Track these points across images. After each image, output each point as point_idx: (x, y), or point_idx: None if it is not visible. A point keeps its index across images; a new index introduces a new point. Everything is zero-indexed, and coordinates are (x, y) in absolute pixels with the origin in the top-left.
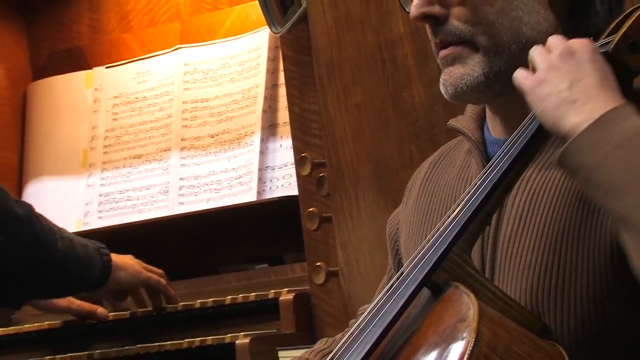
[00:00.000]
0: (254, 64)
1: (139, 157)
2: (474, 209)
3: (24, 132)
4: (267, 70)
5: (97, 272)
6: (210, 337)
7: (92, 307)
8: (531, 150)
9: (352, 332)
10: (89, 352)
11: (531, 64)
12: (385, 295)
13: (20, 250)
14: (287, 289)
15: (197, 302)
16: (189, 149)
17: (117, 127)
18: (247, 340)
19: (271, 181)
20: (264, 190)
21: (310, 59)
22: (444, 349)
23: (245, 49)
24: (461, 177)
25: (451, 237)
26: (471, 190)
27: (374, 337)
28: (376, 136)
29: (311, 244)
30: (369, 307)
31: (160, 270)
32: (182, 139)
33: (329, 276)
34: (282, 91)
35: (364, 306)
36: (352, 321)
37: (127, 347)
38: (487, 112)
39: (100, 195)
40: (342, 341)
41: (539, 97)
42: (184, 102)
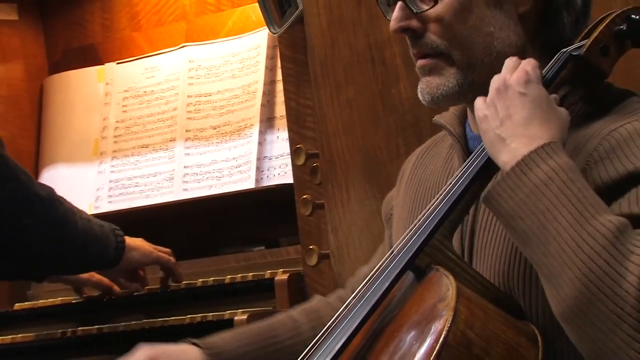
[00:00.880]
0: (253, 61)
1: (146, 147)
2: (453, 200)
3: (40, 122)
4: (266, 67)
5: (112, 251)
6: (210, 314)
7: (110, 282)
8: None
9: (342, 310)
10: (98, 326)
11: None
12: (372, 277)
13: (44, 229)
14: (282, 270)
15: (198, 281)
16: (192, 140)
17: (126, 118)
18: (244, 316)
19: (268, 170)
20: (261, 178)
21: (305, 58)
22: (425, 326)
23: (245, 48)
24: (445, 168)
25: (433, 225)
26: (452, 182)
27: (361, 315)
28: (366, 130)
29: (305, 229)
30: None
31: (168, 249)
32: (187, 130)
33: (321, 258)
34: (280, 87)
35: (362, 267)
36: (350, 279)
37: (133, 322)
38: (467, 111)
39: (110, 181)
40: (333, 318)
41: (482, 132)
42: (188, 96)
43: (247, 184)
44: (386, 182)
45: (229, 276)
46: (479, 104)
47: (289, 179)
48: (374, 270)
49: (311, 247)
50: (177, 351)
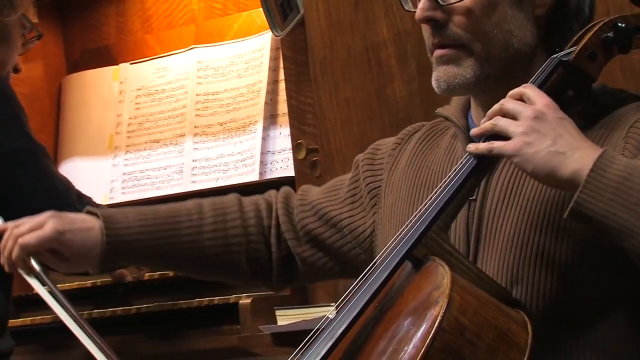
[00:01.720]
0: (257, 62)
1: (157, 142)
2: (450, 195)
3: (59, 119)
4: (269, 67)
5: None
6: (217, 298)
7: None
8: None
9: (344, 297)
10: (112, 309)
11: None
12: (373, 266)
13: None
14: None
15: None
16: (200, 135)
17: (139, 115)
18: (248, 300)
19: (271, 164)
20: (265, 171)
21: (306, 59)
22: (422, 312)
23: (250, 49)
24: (447, 157)
25: (430, 218)
26: (449, 177)
27: (363, 301)
28: (362, 126)
29: None
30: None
31: None
32: (195, 126)
33: None
34: (282, 86)
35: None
36: (294, 196)
37: (144, 305)
38: (472, 104)
39: (124, 174)
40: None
41: (526, 157)
42: (197, 94)
43: (252, 176)
44: None
45: None
46: (497, 143)
47: (291, 172)
48: (375, 260)
49: None
50: (82, 229)
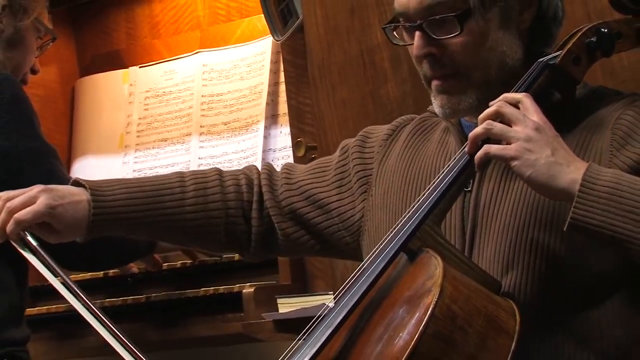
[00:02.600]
0: (259, 65)
1: (165, 141)
2: (443, 190)
3: (72, 119)
4: (270, 70)
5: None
6: (221, 287)
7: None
8: None
9: (343, 287)
10: (123, 299)
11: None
12: (370, 258)
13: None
14: None
15: (210, 259)
16: (206, 134)
17: (148, 115)
18: (252, 289)
19: (272, 161)
20: None
21: (305, 62)
22: (416, 301)
23: (252, 53)
24: (440, 151)
25: (425, 212)
26: (443, 172)
27: (360, 291)
28: (358, 125)
29: None
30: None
31: None
32: (201, 126)
33: None
34: (282, 88)
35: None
36: (275, 174)
37: (154, 295)
38: None
39: (133, 171)
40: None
41: (527, 162)
42: (202, 96)
43: None
44: None
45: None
46: (495, 147)
47: None
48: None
49: None
50: (71, 202)
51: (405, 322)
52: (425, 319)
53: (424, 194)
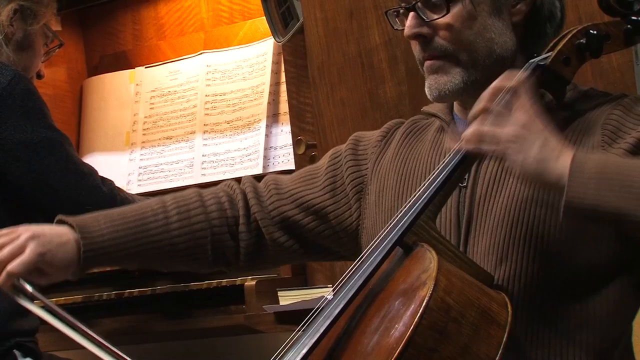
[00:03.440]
0: (261, 66)
1: (170, 138)
2: (438, 186)
3: (80, 118)
4: (272, 71)
5: None
6: (224, 280)
7: None
8: None
9: (341, 280)
10: (130, 291)
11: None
12: (367, 252)
13: None
14: None
15: None
16: (209, 132)
17: (153, 114)
18: (253, 282)
19: (274, 158)
20: (268, 165)
21: (305, 63)
22: (411, 293)
23: (254, 54)
24: (434, 149)
25: (420, 208)
26: (437, 169)
27: (358, 284)
28: (356, 123)
29: None
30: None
31: None
32: (205, 125)
33: None
34: (283, 87)
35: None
36: (257, 185)
37: (159, 287)
38: (455, 105)
39: (139, 167)
40: (332, 288)
41: (514, 163)
42: (206, 95)
43: (256, 170)
44: None
45: None
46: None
47: (291, 166)
48: (369, 246)
49: None
50: (59, 244)
51: (401, 313)
52: (420, 311)
53: (420, 189)
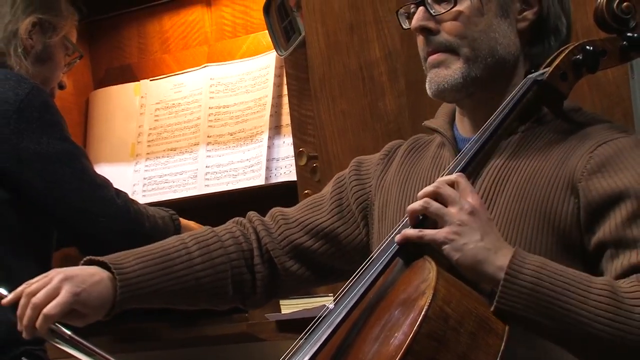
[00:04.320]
0: (264, 79)
1: (174, 150)
2: None
3: (86, 129)
4: (274, 84)
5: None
6: None
7: None
8: (491, 143)
9: (342, 290)
10: None
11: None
12: (368, 263)
13: (118, 232)
14: None
15: None
16: (213, 144)
17: (158, 126)
18: None
19: (276, 169)
20: (270, 176)
21: (307, 76)
22: (410, 302)
23: (257, 67)
24: (434, 164)
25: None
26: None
27: (359, 294)
28: (357, 135)
29: None
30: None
31: None
32: (208, 136)
33: None
34: (285, 100)
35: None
36: (263, 221)
37: None
38: (456, 114)
39: (144, 178)
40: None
41: (455, 247)
42: (209, 107)
43: (258, 181)
44: None
45: None
46: (429, 231)
47: (293, 177)
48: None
49: None
50: (93, 284)
51: (400, 322)
52: (419, 320)
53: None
